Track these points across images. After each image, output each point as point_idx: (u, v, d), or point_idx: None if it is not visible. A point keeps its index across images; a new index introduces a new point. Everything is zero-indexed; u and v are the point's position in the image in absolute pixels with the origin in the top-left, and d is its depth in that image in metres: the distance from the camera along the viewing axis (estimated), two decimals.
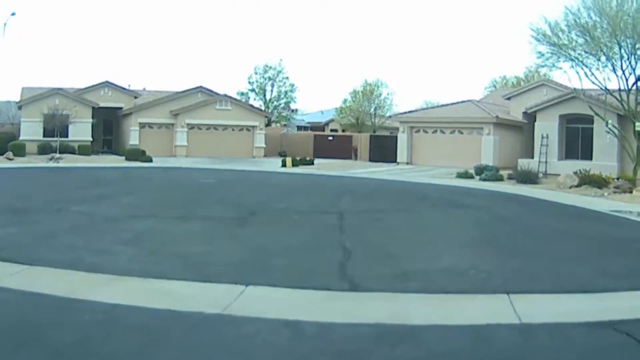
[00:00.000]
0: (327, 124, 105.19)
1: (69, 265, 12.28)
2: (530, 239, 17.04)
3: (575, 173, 34.39)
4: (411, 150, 51.99)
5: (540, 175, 39.05)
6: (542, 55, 38.16)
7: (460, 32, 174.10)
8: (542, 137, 40.54)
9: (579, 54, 36.44)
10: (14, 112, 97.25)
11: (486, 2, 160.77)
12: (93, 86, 60.92)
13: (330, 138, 69.00)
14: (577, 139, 41.34)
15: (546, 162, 40.15)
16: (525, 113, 49.02)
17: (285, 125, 56.74)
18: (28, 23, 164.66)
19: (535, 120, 42.77)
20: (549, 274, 12.56)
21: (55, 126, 51.63)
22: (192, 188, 30.00)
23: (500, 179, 37.66)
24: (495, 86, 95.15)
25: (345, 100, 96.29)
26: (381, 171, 44.82)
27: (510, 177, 38.17)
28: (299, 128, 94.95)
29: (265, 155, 62.65)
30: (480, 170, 40.85)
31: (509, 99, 51.46)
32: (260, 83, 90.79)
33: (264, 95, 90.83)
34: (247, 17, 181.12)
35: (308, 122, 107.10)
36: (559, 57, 37.16)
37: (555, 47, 36.65)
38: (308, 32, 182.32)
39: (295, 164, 47.69)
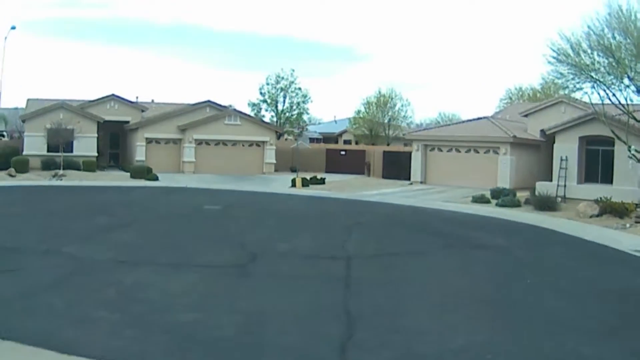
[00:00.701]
0: (340, 134, 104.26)
1: (42, 340, 11.04)
2: (558, 298, 15.59)
3: (596, 201, 33.07)
4: (425, 168, 50.76)
5: (559, 199, 37.63)
6: (563, 76, 36.77)
7: (476, 41, 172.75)
8: (561, 160, 39.08)
9: (601, 75, 34.97)
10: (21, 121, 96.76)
11: (501, 12, 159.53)
12: (99, 99, 59.90)
13: (343, 152, 67.82)
14: (597, 162, 39.79)
15: (565, 185, 38.66)
16: (543, 131, 47.64)
17: (297, 139, 55.41)
18: (35, 33, 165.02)
19: (553, 140, 41.31)
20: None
21: (59, 142, 50.50)
22: (194, 218, 28.79)
23: (517, 204, 36.48)
24: (510, 97, 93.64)
25: (358, 112, 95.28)
26: (394, 193, 43.54)
27: (527, 202, 37.01)
28: (312, 140, 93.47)
29: (276, 170, 61.65)
30: (496, 194, 39.71)
31: (526, 116, 49.99)
32: (272, 94, 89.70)
33: (276, 107, 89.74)
34: (259, 25, 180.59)
35: (321, 133, 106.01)
36: (580, 79, 35.70)
37: (577, 67, 35.18)
38: (322, 38, 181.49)
39: (305, 184, 46.47)
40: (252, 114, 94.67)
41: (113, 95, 60.54)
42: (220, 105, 60.20)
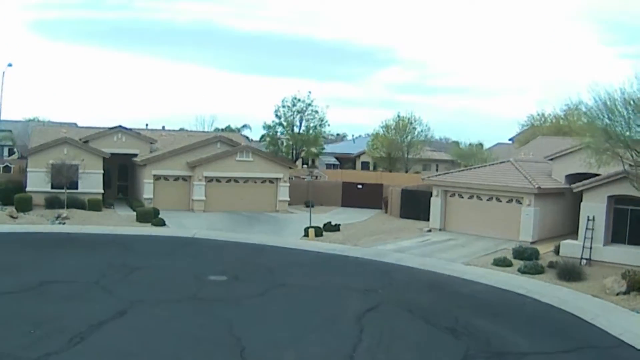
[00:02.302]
0: (358, 156, 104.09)
1: None
2: None
3: (623, 276, 32.29)
4: (445, 214, 49.99)
5: (584, 262, 37.05)
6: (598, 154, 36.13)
7: (496, 63, 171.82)
8: (588, 220, 38.26)
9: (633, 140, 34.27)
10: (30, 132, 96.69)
11: (521, 31, 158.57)
12: (105, 131, 59.64)
13: (360, 187, 67.24)
14: (625, 222, 38.87)
15: (591, 247, 37.94)
16: (568, 176, 47.28)
17: (310, 172, 54.73)
18: (42, 60, 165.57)
19: (581, 197, 40.52)
20: None
21: (63, 182, 50.24)
22: (195, 301, 28.00)
23: (540, 271, 35.55)
24: (532, 123, 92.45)
25: (376, 135, 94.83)
26: (411, 248, 42.65)
27: (551, 266, 36.13)
28: (328, 167, 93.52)
29: (290, 204, 61.27)
30: (519, 254, 39.00)
31: (551, 159, 49.24)
32: (288, 117, 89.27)
33: (292, 130, 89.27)
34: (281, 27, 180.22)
35: (338, 154, 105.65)
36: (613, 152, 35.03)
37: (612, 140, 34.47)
38: (344, 41, 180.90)
39: (318, 233, 45.75)
40: (267, 136, 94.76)
41: (120, 127, 60.22)
42: (231, 141, 59.63)
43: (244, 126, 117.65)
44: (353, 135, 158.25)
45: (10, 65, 44.99)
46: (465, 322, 25.94)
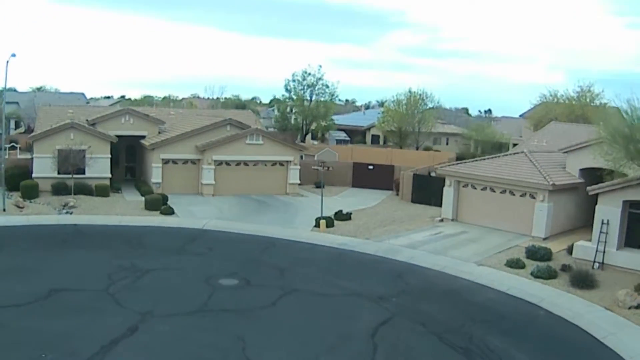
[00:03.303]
0: (368, 129, 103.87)
1: None
2: None
3: (636, 288, 32.24)
4: (457, 205, 49.81)
5: (596, 265, 37.07)
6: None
7: (506, 30, 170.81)
8: (602, 224, 38.19)
9: None
10: (38, 103, 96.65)
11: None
12: (113, 113, 59.36)
13: (371, 167, 67.02)
14: (638, 226, 39.05)
15: (604, 252, 37.85)
16: (582, 170, 47.25)
17: (322, 163, 54.23)
18: (50, 25, 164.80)
19: (596, 200, 40.33)
20: None
21: (70, 169, 50.20)
22: (202, 313, 27.93)
23: (553, 275, 35.36)
24: (545, 100, 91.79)
25: (387, 110, 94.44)
26: (423, 242, 42.70)
27: (564, 269, 36.14)
28: (338, 142, 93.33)
29: (301, 184, 61.47)
30: (532, 254, 39.05)
31: (566, 152, 48.96)
32: (298, 91, 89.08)
33: (302, 104, 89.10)
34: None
35: (347, 126, 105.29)
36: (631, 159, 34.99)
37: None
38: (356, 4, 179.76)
39: (329, 224, 45.67)
40: (276, 112, 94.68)
41: (128, 109, 60.29)
42: (241, 124, 59.16)
43: (253, 98, 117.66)
44: (363, 105, 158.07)
45: (14, 55, 44.48)
46: (479, 341, 25.84)
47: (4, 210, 44.74)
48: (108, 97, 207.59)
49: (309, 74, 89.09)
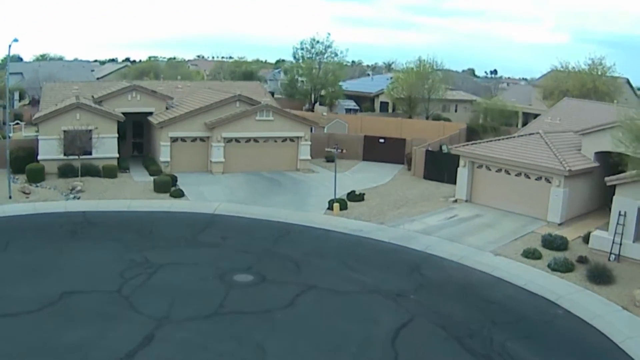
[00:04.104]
0: (377, 95, 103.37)
1: None
2: None
3: None
4: (471, 186, 49.26)
5: (612, 257, 36.61)
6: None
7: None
8: (620, 215, 37.62)
9: None
10: (42, 75, 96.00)
11: None
12: (119, 90, 58.32)
13: (382, 141, 66.40)
14: None
15: (620, 243, 37.33)
16: (597, 154, 46.62)
17: (336, 145, 53.17)
18: None
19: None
20: None
21: (76, 152, 49.53)
22: (219, 322, 27.48)
23: (570, 268, 34.92)
24: (556, 70, 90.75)
25: (396, 78, 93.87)
26: (439, 227, 42.50)
27: (580, 261, 35.79)
28: (347, 111, 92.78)
29: (311, 158, 61.03)
30: (548, 243, 38.72)
31: (582, 134, 48.35)
32: (307, 60, 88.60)
33: (311, 72, 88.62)
34: None
35: (356, 92, 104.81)
36: None
37: None
38: None
39: (343, 207, 45.14)
40: (283, 75, 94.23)
41: (135, 85, 59.16)
42: (251, 99, 58.20)
43: (258, 60, 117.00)
44: (370, 67, 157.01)
45: (16, 40, 43.89)
46: (500, 347, 25.47)
47: (10, 197, 44.14)
48: (113, 60, 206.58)
49: (318, 41, 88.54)
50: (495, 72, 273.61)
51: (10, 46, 44.99)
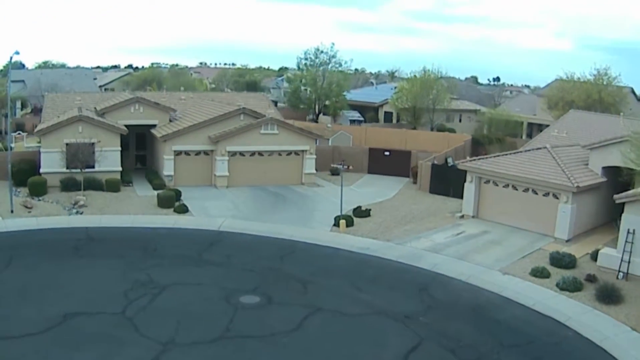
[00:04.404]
0: (381, 105, 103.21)
1: None
2: None
3: None
4: (478, 201, 48.92)
5: (621, 275, 36.31)
6: None
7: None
8: (628, 233, 37.31)
9: None
10: (45, 83, 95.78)
11: None
12: (122, 102, 57.72)
13: (387, 153, 66.12)
14: None
15: (629, 262, 36.96)
16: (605, 168, 46.39)
17: (342, 161, 52.41)
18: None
19: (622, 210, 39.28)
20: None
21: (79, 166, 49.12)
22: (226, 347, 27.04)
23: (579, 287, 34.62)
24: (562, 85, 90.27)
25: (401, 88, 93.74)
26: (446, 245, 42.13)
27: (589, 279, 35.52)
28: (352, 122, 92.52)
29: (316, 171, 60.45)
30: (557, 261, 38.33)
31: (590, 149, 48.07)
32: (311, 71, 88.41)
33: (315, 83, 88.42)
34: None
35: (359, 102, 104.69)
36: None
37: None
38: None
39: (349, 223, 44.74)
40: (286, 83, 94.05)
41: (137, 97, 58.58)
42: (256, 113, 57.80)
43: (261, 67, 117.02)
44: (373, 75, 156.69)
45: (17, 53, 43.76)
46: None
47: (12, 212, 43.80)
48: (115, 67, 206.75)
49: (322, 51, 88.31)
50: (498, 79, 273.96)
51: (11, 58, 44.79)
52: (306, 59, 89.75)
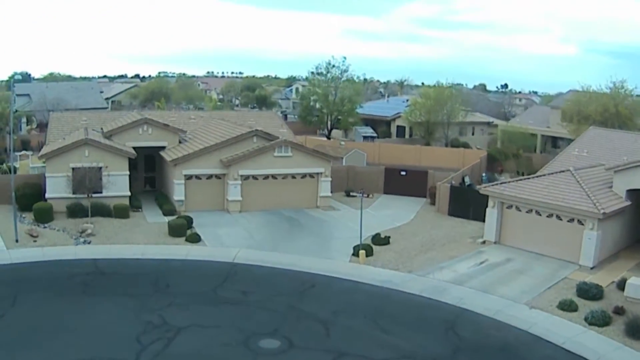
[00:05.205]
0: (393, 119, 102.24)
1: None
2: None
3: None
4: (500, 226, 47.51)
5: None
6: None
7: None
8: None
9: None
10: (50, 97, 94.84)
11: None
12: (129, 124, 56.13)
13: (403, 173, 64.70)
14: None
15: None
16: (629, 191, 45.37)
17: (362, 190, 50.79)
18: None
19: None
20: None
21: (86, 190, 47.74)
22: None
23: (607, 321, 33.51)
24: (579, 99, 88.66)
25: (414, 102, 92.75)
26: (469, 276, 40.54)
27: (617, 312, 34.50)
28: (365, 138, 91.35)
29: (331, 193, 58.78)
30: (583, 292, 37.22)
31: (615, 171, 46.76)
32: (324, 87, 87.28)
33: (327, 99, 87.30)
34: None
35: (371, 115, 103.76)
36: None
37: None
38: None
39: (368, 253, 43.22)
40: (295, 94, 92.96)
41: (146, 118, 56.83)
42: (269, 135, 56.28)
43: (268, 76, 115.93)
44: (382, 85, 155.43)
45: (18, 80, 42.88)
46: None
47: (17, 241, 42.47)
48: (122, 76, 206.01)
49: (333, 65, 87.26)
50: (505, 86, 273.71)
51: (13, 82, 43.66)
52: (318, 73, 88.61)
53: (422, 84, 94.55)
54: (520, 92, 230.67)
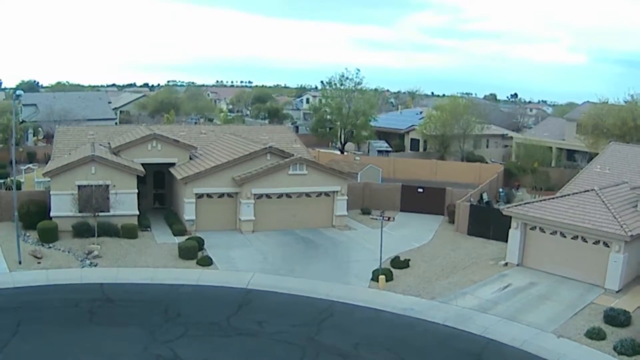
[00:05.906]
0: (407, 131, 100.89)
1: None
2: None
3: None
4: (523, 248, 45.91)
5: None
6: None
7: (528, 9, 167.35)
8: None
9: None
10: (58, 107, 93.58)
11: None
12: (138, 139, 54.28)
13: (420, 190, 62.98)
14: None
15: None
16: None
17: (382, 213, 49.17)
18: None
19: None
20: None
21: (92, 209, 46.18)
22: None
23: (637, 350, 32.19)
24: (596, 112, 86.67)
25: (429, 116, 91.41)
26: (493, 301, 39.05)
27: None
28: (379, 153, 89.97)
29: (348, 210, 56.85)
30: (611, 319, 35.97)
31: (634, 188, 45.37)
32: (337, 99, 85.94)
33: (340, 112, 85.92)
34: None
35: (385, 128, 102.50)
36: None
37: None
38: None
39: (388, 277, 41.54)
40: (314, 117, 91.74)
41: (155, 134, 54.95)
42: (283, 152, 54.64)
43: (278, 86, 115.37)
44: (392, 92, 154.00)
45: (20, 95, 41.53)
46: None
47: (20, 262, 40.90)
48: (131, 85, 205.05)
49: (347, 77, 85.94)
50: (515, 95, 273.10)
51: (15, 95, 42.46)
52: (330, 85, 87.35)
53: (432, 93, 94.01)
54: (530, 102, 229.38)
